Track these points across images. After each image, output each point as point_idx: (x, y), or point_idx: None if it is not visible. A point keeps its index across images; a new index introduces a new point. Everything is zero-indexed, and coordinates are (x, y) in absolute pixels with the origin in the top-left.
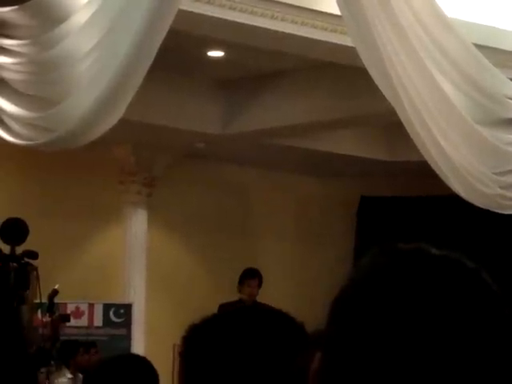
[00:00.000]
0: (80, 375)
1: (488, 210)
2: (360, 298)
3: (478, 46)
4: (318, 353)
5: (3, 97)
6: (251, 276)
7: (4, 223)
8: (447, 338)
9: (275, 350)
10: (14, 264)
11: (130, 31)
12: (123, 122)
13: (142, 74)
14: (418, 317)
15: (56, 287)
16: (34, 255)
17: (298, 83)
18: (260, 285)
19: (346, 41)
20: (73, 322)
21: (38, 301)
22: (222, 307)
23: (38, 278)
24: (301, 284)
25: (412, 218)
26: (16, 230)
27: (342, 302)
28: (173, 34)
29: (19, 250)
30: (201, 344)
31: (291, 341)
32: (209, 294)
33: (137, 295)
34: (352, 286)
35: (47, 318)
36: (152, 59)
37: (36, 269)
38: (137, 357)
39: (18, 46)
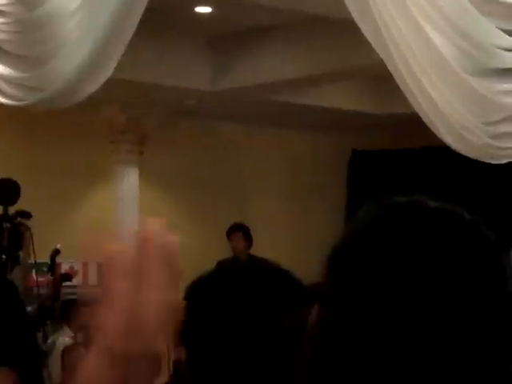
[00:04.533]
0: (81, 334)
1: (479, 161)
2: (357, 251)
3: None
4: (315, 306)
5: None
6: (233, 230)
7: None
8: (445, 290)
9: (274, 305)
10: (8, 224)
11: None
12: (111, 80)
13: (129, 31)
14: (416, 268)
15: (58, 247)
16: (26, 215)
17: (288, 38)
18: (247, 238)
19: None
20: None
21: (32, 261)
22: (220, 264)
23: (31, 238)
24: (294, 239)
25: (404, 171)
26: (8, 190)
27: (338, 254)
28: None
29: (12, 210)
30: (199, 303)
31: (290, 296)
32: (201, 251)
33: None
34: (349, 239)
35: (49, 278)
36: (139, 17)
37: (29, 229)
38: None
39: (4, 5)
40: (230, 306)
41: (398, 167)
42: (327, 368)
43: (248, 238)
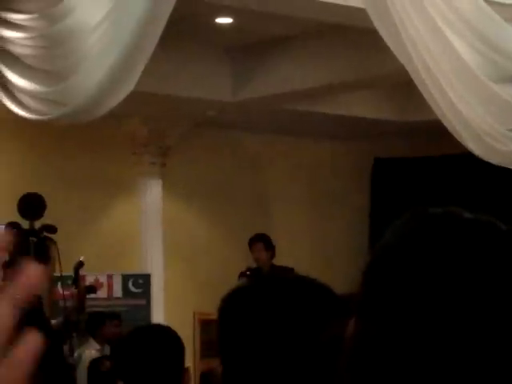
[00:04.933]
0: (107, 346)
1: (503, 168)
2: (393, 264)
3: (489, 2)
4: (352, 318)
5: (14, 71)
6: (254, 240)
7: (22, 199)
8: (483, 304)
9: (311, 318)
10: (34, 239)
11: (138, 3)
12: (133, 93)
13: (151, 45)
14: (453, 282)
15: (81, 259)
16: (52, 229)
17: (307, 47)
18: (268, 248)
19: (355, 2)
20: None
21: (58, 274)
22: (242, 275)
23: (58, 251)
24: (316, 249)
25: (427, 178)
26: (34, 204)
27: (375, 267)
28: (180, 2)
29: (38, 224)
30: (235, 316)
31: (326, 308)
32: (225, 262)
33: (154, 265)
34: (385, 251)
35: (73, 290)
36: (161, 30)
37: (55, 243)
38: (162, 327)
39: (27, 20)
40: (266, 319)
41: (420, 175)
42: (364, 381)
43: (269, 248)
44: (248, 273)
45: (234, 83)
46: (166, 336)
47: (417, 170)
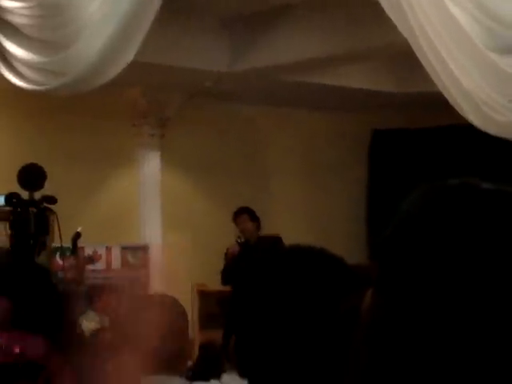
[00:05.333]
0: (106, 318)
1: (502, 138)
2: (413, 235)
3: None
4: (368, 290)
5: (13, 42)
6: (239, 213)
7: (21, 169)
8: (503, 274)
9: (325, 289)
10: (34, 209)
11: None
12: (131, 63)
13: (151, 14)
14: (472, 252)
15: (79, 230)
16: (52, 200)
17: (306, 18)
18: (253, 220)
19: None
20: (90, 265)
21: (58, 245)
22: (228, 251)
23: (58, 222)
24: (313, 220)
25: (425, 150)
26: (34, 175)
27: (394, 238)
28: None
29: (37, 195)
30: (249, 288)
31: (340, 279)
32: (222, 233)
33: (153, 236)
34: (404, 223)
35: (71, 261)
36: (160, 0)
37: (55, 214)
38: (167, 297)
39: None
40: (281, 291)
41: (419, 146)
42: (381, 353)
43: (254, 219)
44: (239, 241)
45: (232, 54)
46: (172, 306)
47: (415, 141)
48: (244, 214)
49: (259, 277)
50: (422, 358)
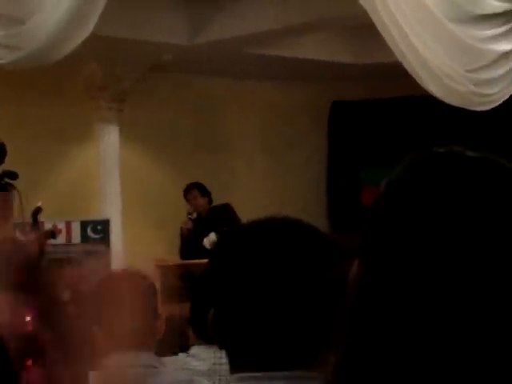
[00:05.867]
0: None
1: (462, 108)
2: (399, 204)
3: None
4: (355, 260)
5: None
6: (189, 189)
7: None
8: (489, 243)
9: (309, 259)
10: None
11: None
12: (89, 37)
13: None
14: (460, 220)
15: (39, 204)
16: (13, 175)
17: None
18: (204, 194)
19: None
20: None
21: (20, 221)
22: (182, 229)
23: (20, 197)
24: (273, 194)
25: (385, 121)
26: None
27: (379, 207)
28: None
29: None
30: (231, 260)
31: (325, 250)
32: (181, 207)
33: (113, 211)
34: (390, 191)
35: (32, 236)
36: None
37: (16, 189)
38: (135, 272)
39: None
40: (264, 262)
41: (378, 117)
42: (367, 323)
43: (205, 194)
44: (190, 217)
45: (190, 26)
46: (141, 280)
47: (375, 112)
48: (194, 190)
49: (239, 248)
50: (406, 326)
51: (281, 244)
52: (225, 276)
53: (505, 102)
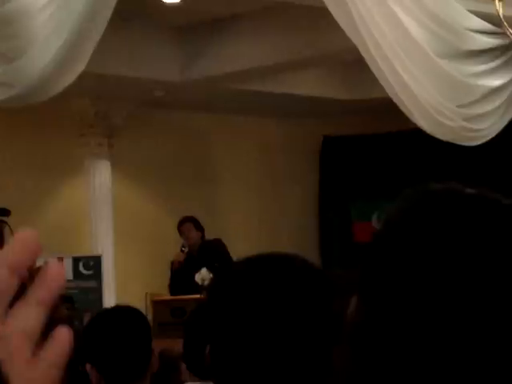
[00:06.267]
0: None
1: (452, 143)
2: (398, 242)
3: None
4: (353, 297)
5: None
6: (184, 222)
7: None
8: (487, 281)
9: (303, 296)
10: None
11: None
12: (80, 73)
13: (102, 26)
14: (458, 260)
15: None
16: (5, 212)
17: (255, 26)
18: (198, 229)
19: None
20: None
21: None
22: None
23: (12, 234)
24: (265, 229)
25: (376, 156)
26: None
27: (377, 245)
28: None
29: None
30: (228, 297)
31: (322, 286)
32: (174, 242)
33: (105, 247)
34: (387, 230)
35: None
36: (111, 11)
37: (8, 225)
38: (129, 308)
39: None
40: (262, 299)
41: (370, 152)
42: (367, 359)
43: (199, 228)
44: (183, 249)
45: (182, 63)
46: (134, 317)
47: (366, 147)
48: (188, 223)
49: (237, 285)
50: (405, 364)
51: (279, 281)
52: (223, 313)
53: (495, 137)
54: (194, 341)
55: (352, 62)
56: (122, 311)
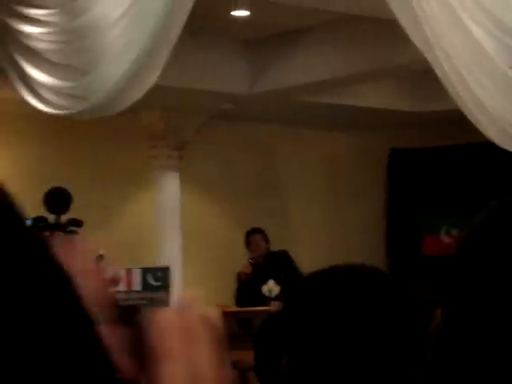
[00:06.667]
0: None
1: None
2: (482, 253)
3: None
4: (438, 309)
5: (35, 67)
6: (254, 232)
7: (48, 193)
8: None
9: (392, 308)
10: (60, 233)
11: None
12: (151, 86)
13: (173, 39)
14: None
15: (101, 252)
16: (78, 223)
17: (323, 39)
18: (267, 240)
19: None
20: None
21: None
22: (240, 274)
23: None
24: (333, 242)
25: (444, 168)
26: (60, 199)
27: (465, 257)
28: None
29: (63, 218)
30: (304, 310)
31: (402, 299)
32: (242, 254)
33: (173, 258)
34: (475, 241)
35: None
36: (182, 24)
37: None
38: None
39: (47, 15)
40: (343, 310)
41: (437, 165)
42: (454, 372)
43: (267, 240)
44: (251, 261)
45: (251, 76)
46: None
47: (434, 160)
48: (257, 234)
49: (318, 295)
50: (492, 376)
51: (360, 293)
52: (303, 324)
53: None
54: (266, 352)
55: (420, 74)
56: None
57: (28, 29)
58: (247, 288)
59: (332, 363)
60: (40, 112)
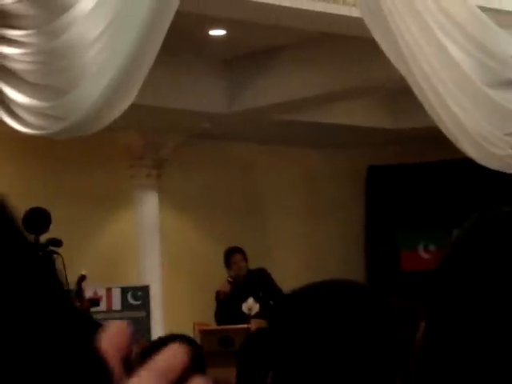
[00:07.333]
0: None
1: (500, 172)
2: (465, 266)
3: (482, 8)
4: (421, 323)
5: (12, 87)
6: (234, 252)
7: (27, 213)
8: None
9: (377, 322)
10: (40, 253)
11: (137, 17)
12: (129, 106)
13: (151, 59)
14: None
15: (83, 273)
16: (57, 243)
17: (301, 57)
18: (246, 260)
19: (347, 11)
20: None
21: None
22: (218, 293)
23: (64, 265)
24: (312, 258)
25: (421, 185)
26: (39, 219)
27: (448, 270)
28: (174, 16)
29: (43, 238)
30: (290, 324)
31: (386, 313)
32: (222, 272)
33: (153, 277)
34: (458, 255)
35: (76, 304)
36: (160, 44)
37: (61, 256)
38: (184, 337)
39: (24, 36)
40: (328, 326)
41: (415, 181)
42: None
43: (246, 260)
44: (230, 280)
45: (229, 95)
46: (189, 346)
47: (411, 176)
48: (238, 254)
49: (303, 311)
50: None
51: (345, 308)
52: (288, 341)
53: None
54: (250, 369)
55: (397, 92)
56: (178, 340)
57: (5, 50)
58: (227, 306)
59: (317, 378)
60: (17, 132)
